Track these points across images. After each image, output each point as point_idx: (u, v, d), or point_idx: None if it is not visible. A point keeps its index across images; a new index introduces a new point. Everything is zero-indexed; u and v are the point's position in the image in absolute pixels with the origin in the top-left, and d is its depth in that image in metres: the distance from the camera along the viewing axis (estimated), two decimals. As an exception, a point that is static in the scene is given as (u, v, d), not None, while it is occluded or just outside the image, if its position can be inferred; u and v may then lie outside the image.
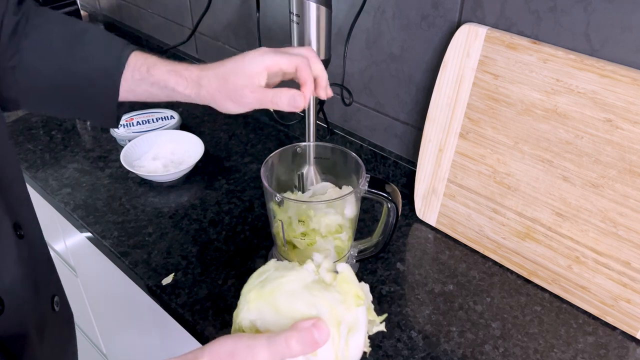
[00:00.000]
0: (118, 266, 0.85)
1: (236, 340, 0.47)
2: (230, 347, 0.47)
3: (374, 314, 0.53)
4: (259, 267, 0.55)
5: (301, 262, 0.54)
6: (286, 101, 0.61)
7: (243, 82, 0.62)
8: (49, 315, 0.66)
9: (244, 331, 0.51)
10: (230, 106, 0.65)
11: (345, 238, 0.74)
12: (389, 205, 0.72)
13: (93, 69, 0.64)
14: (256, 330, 0.50)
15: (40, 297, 0.63)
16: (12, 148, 0.64)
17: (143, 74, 0.64)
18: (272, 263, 0.54)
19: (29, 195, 0.67)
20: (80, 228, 0.92)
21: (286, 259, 0.75)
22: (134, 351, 1.19)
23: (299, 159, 0.79)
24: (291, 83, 0.65)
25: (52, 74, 0.64)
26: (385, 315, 0.55)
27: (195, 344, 0.76)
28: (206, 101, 0.66)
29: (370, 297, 0.53)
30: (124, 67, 0.64)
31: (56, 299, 0.68)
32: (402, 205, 0.93)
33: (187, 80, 0.65)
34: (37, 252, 0.65)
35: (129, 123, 1.12)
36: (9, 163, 0.61)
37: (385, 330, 0.54)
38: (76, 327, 1.56)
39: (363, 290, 0.52)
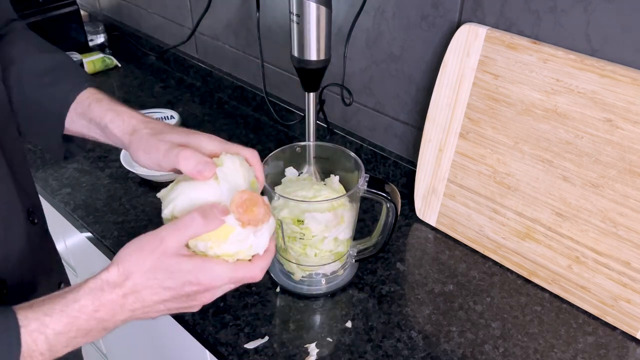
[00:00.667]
0: (118, 266, 0.85)
1: (139, 237, 0.50)
2: (135, 244, 0.49)
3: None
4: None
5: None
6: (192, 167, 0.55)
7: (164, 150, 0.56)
8: None
9: None
10: (142, 157, 0.58)
11: (343, 237, 0.74)
12: (388, 205, 0.72)
13: (45, 102, 0.62)
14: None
15: (48, 283, 0.65)
16: (20, 145, 0.65)
17: (84, 108, 0.61)
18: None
19: (35, 186, 0.68)
20: (80, 228, 0.92)
21: (285, 260, 0.75)
22: (134, 351, 1.19)
23: (299, 159, 0.79)
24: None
25: (14, 99, 0.62)
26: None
27: (195, 343, 0.76)
28: (125, 146, 0.60)
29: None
30: (72, 100, 0.61)
31: (62, 285, 0.70)
32: (402, 205, 0.94)
33: (123, 122, 0.60)
34: (46, 239, 0.66)
35: (129, 123, 1.12)
36: (18, 154, 0.62)
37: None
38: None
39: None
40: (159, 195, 0.55)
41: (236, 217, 0.50)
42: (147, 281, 0.48)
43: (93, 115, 0.60)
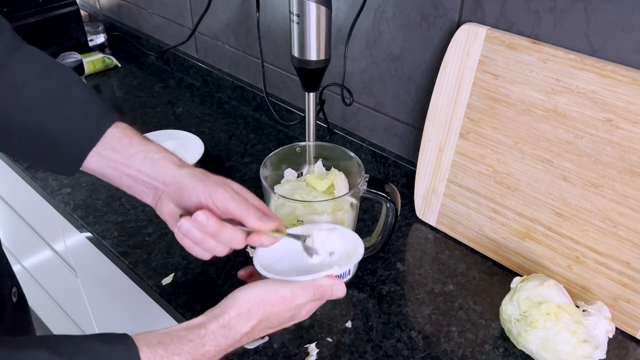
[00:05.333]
0: (118, 266, 0.85)
1: (258, 287, 0.55)
2: (255, 294, 0.55)
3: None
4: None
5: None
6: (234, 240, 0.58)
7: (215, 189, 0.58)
8: (7, 306, 0.69)
9: None
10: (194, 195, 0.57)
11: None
12: (388, 205, 0.72)
13: (64, 133, 0.58)
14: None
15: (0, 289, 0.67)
16: None
17: (124, 145, 0.58)
18: None
19: None
20: (80, 228, 0.92)
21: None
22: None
23: (299, 159, 0.79)
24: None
25: (18, 122, 0.57)
26: None
27: (195, 344, 0.76)
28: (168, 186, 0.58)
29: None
30: (96, 142, 0.58)
31: (14, 290, 0.71)
32: (402, 205, 0.94)
33: (171, 154, 0.60)
34: None
35: (129, 123, 1.12)
36: None
37: None
38: (75, 326, 1.56)
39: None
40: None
41: None
42: (261, 325, 0.55)
43: (133, 150, 0.58)
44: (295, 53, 0.77)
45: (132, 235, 0.87)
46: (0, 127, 0.57)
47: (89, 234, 0.89)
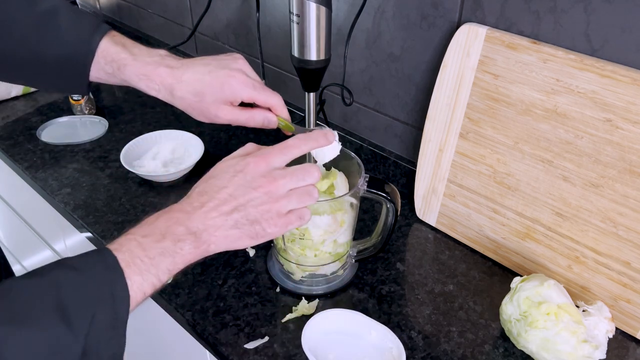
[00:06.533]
0: (118, 266, 0.85)
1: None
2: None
3: None
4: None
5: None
6: (260, 121, 0.69)
7: (218, 105, 0.65)
8: None
9: None
10: (202, 119, 0.68)
11: (342, 240, 0.74)
12: (388, 205, 0.72)
13: (61, 54, 0.64)
14: None
15: None
16: None
17: (114, 70, 0.65)
18: None
19: None
20: (80, 228, 0.92)
21: (285, 260, 0.75)
22: (134, 351, 1.19)
23: (299, 159, 0.79)
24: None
25: (18, 54, 0.63)
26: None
27: (195, 344, 0.76)
28: (178, 107, 0.68)
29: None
30: (93, 56, 0.64)
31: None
32: (402, 205, 0.94)
33: (159, 85, 0.65)
34: None
35: (129, 123, 1.12)
36: None
37: None
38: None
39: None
40: None
41: None
42: (210, 185, 0.57)
43: (126, 79, 0.65)
44: (295, 53, 0.77)
45: (132, 235, 0.87)
46: (2, 61, 0.64)
47: (89, 234, 0.89)
